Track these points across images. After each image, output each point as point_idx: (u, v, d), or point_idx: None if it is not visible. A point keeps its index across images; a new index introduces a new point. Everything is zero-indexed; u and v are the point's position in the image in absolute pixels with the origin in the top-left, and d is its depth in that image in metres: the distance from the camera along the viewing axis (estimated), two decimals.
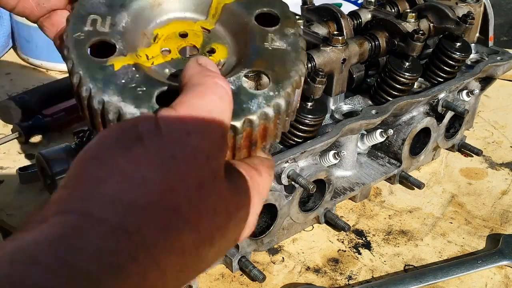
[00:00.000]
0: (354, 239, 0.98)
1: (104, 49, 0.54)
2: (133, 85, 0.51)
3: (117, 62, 0.53)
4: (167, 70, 0.57)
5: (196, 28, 0.62)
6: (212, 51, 0.60)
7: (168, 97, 0.49)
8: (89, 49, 0.54)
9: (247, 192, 0.46)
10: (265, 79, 0.56)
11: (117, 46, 0.54)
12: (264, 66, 0.56)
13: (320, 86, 0.85)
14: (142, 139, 0.40)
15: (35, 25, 0.66)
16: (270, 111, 0.53)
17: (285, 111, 0.54)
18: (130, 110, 0.50)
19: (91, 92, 0.52)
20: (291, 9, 0.69)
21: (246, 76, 0.55)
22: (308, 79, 0.85)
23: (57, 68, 1.55)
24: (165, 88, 0.51)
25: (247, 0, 0.61)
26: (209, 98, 0.44)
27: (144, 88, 0.51)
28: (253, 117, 0.51)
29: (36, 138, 1.23)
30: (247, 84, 0.55)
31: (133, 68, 0.53)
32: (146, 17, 0.60)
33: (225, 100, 0.45)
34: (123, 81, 0.52)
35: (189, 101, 0.43)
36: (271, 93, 0.53)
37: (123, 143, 0.41)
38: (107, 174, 0.39)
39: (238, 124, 0.50)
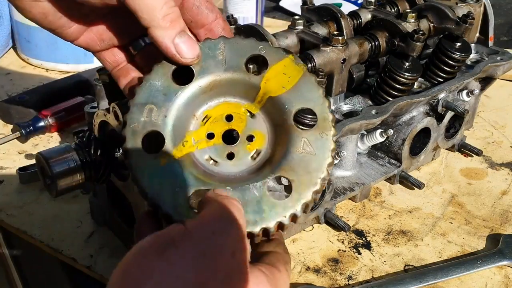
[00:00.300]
0: (354, 239, 0.98)
1: (157, 136, 0.63)
2: (172, 183, 0.60)
3: (163, 159, 0.62)
4: (207, 156, 0.65)
5: (242, 110, 0.68)
6: (251, 138, 0.67)
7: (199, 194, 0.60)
8: (142, 140, 0.62)
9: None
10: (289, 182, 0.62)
11: (166, 141, 0.62)
12: (290, 173, 0.62)
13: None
14: (174, 242, 0.47)
15: (35, 25, 0.67)
16: (286, 220, 0.60)
17: (301, 216, 0.62)
18: (166, 210, 0.59)
19: (138, 183, 0.61)
20: (291, 9, 0.69)
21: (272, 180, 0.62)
22: None
23: (57, 68, 1.55)
24: (197, 189, 0.60)
25: (291, 95, 0.66)
26: (227, 209, 0.52)
27: (181, 188, 0.60)
28: (270, 225, 0.60)
29: (36, 138, 1.23)
30: (272, 183, 0.64)
31: (177, 165, 0.62)
32: (198, 101, 0.67)
33: (240, 211, 0.54)
34: (166, 178, 0.61)
35: (210, 211, 0.51)
36: (290, 204, 0.61)
37: (158, 248, 0.46)
38: (146, 277, 0.45)
39: (256, 230, 0.59)
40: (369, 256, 0.95)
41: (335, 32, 0.99)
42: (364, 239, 0.98)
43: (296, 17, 1.03)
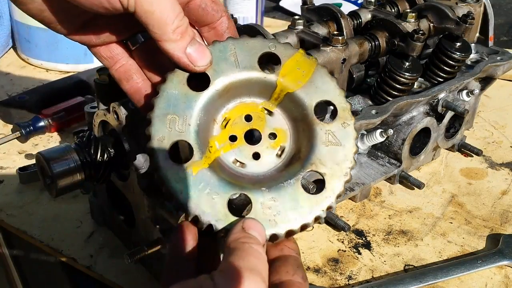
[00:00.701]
0: (354, 239, 0.98)
1: (178, 146, 0.63)
2: (208, 191, 0.61)
3: (195, 168, 0.62)
4: (233, 159, 0.66)
5: (260, 109, 0.69)
6: (273, 136, 0.68)
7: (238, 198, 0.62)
8: (169, 151, 0.62)
9: None
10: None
11: (193, 148, 0.62)
12: (320, 166, 0.64)
13: None
14: None
15: (35, 25, 0.67)
16: (323, 214, 0.62)
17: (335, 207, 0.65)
18: (207, 219, 0.60)
19: (174, 196, 0.60)
20: (291, 9, 0.70)
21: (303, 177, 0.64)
22: None
23: (57, 68, 1.55)
24: (233, 194, 0.61)
25: (308, 89, 0.67)
26: (248, 260, 0.54)
27: (218, 194, 0.60)
28: (308, 221, 0.62)
29: (36, 138, 1.23)
30: (303, 181, 0.64)
31: (209, 172, 0.62)
32: (216, 105, 0.67)
33: (261, 259, 0.55)
34: (200, 187, 0.61)
35: (233, 264, 0.53)
36: (325, 197, 0.62)
37: None
38: None
39: (296, 227, 0.61)
40: (369, 256, 0.95)
41: (335, 32, 0.99)
42: (364, 239, 0.98)
43: (296, 17, 1.03)
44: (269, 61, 0.68)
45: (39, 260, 0.98)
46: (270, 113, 0.69)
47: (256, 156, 0.67)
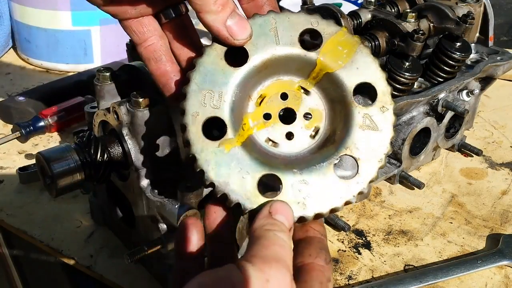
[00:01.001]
0: (354, 239, 0.98)
1: (217, 122, 0.61)
2: (239, 170, 0.60)
3: (228, 145, 0.60)
4: (266, 137, 0.65)
5: (296, 87, 0.67)
6: (308, 116, 0.66)
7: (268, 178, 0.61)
8: (203, 127, 0.60)
9: None
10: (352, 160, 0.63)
11: (227, 125, 0.61)
12: (355, 151, 0.62)
13: None
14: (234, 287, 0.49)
15: (35, 25, 0.66)
16: (353, 199, 0.61)
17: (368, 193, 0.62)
18: (236, 197, 0.59)
19: (205, 173, 0.59)
20: (291, 9, 0.69)
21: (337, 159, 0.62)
22: None
23: (57, 68, 1.55)
24: (264, 174, 0.60)
25: (348, 70, 0.64)
26: (273, 249, 0.53)
27: (249, 173, 0.60)
28: (338, 205, 0.61)
29: (36, 138, 1.23)
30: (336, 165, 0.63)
31: (241, 151, 0.61)
32: (253, 82, 0.65)
33: (285, 247, 0.55)
34: (232, 165, 0.60)
35: (259, 253, 0.53)
36: (357, 182, 0.61)
37: None
38: None
39: (324, 211, 0.60)
40: (369, 256, 0.95)
41: None
42: (364, 239, 0.98)
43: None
44: (311, 37, 0.66)
45: (39, 260, 0.98)
46: (306, 92, 0.67)
47: (290, 136, 0.66)
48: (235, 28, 0.62)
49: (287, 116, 0.66)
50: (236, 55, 0.64)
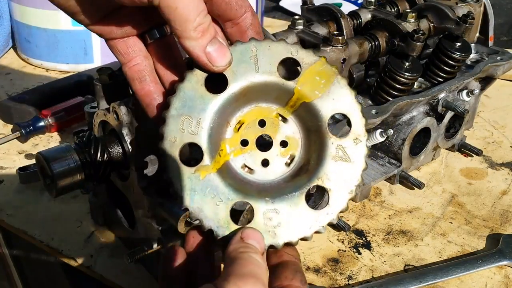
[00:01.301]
0: (354, 239, 0.98)
1: (192, 147, 0.63)
2: (213, 196, 0.62)
3: (203, 172, 0.62)
4: (242, 164, 0.67)
5: (275, 115, 0.68)
6: (285, 144, 0.68)
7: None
8: (180, 153, 0.63)
9: None
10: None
11: (204, 152, 0.63)
12: (327, 181, 0.64)
13: None
14: None
15: (35, 25, 0.67)
16: (322, 229, 0.63)
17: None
18: (209, 224, 0.61)
19: (179, 197, 0.62)
20: (291, 9, 0.69)
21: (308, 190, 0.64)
22: None
23: (57, 68, 1.55)
24: (237, 202, 0.62)
25: (324, 100, 0.66)
26: (248, 267, 0.56)
27: (222, 201, 0.62)
28: (307, 234, 0.63)
29: (36, 138, 1.23)
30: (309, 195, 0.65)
31: (216, 177, 0.63)
32: (232, 108, 0.67)
33: (260, 266, 0.58)
34: (206, 192, 0.62)
35: (235, 272, 0.55)
36: (327, 213, 0.63)
37: None
38: None
39: (294, 240, 0.63)
40: (369, 256, 0.95)
41: (335, 32, 0.99)
42: (364, 239, 0.98)
43: (296, 17, 1.03)
44: (291, 65, 0.67)
45: (39, 260, 0.98)
46: (284, 119, 0.68)
47: (265, 163, 0.67)
48: (214, 54, 0.63)
49: (264, 143, 0.68)
50: (217, 81, 0.65)
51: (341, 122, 0.80)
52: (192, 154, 0.64)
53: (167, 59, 0.70)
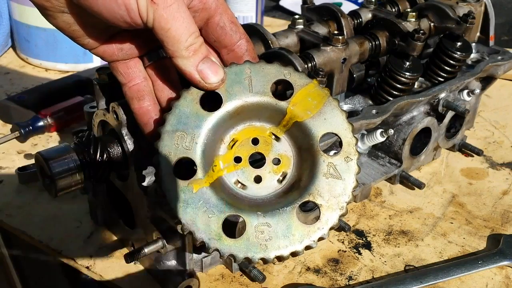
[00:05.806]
0: (354, 239, 0.98)
1: (186, 162, 0.65)
2: (206, 209, 0.63)
3: (196, 185, 0.64)
4: (235, 179, 0.69)
5: (268, 133, 0.71)
6: (277, 161, 0.70)
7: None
8: (174, 167, 0.64)
9: None
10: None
11: (197, 167, 0.65)
12: (318, 198, 0.66)
13: None
14: None
15: (35, 24, 0.67)
16: (314, 244, 0.65)
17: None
18: (201, 236, 0.63)
19: (173, 210, 0.63)
20: (291, 8, 0.71)
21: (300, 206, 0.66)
22: None
23: (56, 68, 1.55)
24: (229, 215, 0.64)
25: (316, 120, 0.69)
26: None
27: (214, 213, 0.63)
28: (298, 249, 0.65)
29: (35, 138, 1.23)
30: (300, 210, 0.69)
31: (209, 191, 0.64)
32: (226, 126, 0.69)
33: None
34: (198, 204, 0.63)
35: None
36: (318, 228, 0.65)
37: None
38: None
39: (285, 253, 0.65)
40: (370, 256, 0.94)
41: (336, 32, 0.99)
42: (364, 239, 0.98)
43: (296, 16, 1.03)
44: (284, 87, 0.70)
45: (39, 260, 0.98)
46: (277, 138, 0.71)
47: (258, 179, 0.69)
48: (206, 71, 0.65)
49: (257, 160, 0.70)
50: (212, 100, 0.67)
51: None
52: (187, 169, 0.65)
53: (165, 80, 0.72)
